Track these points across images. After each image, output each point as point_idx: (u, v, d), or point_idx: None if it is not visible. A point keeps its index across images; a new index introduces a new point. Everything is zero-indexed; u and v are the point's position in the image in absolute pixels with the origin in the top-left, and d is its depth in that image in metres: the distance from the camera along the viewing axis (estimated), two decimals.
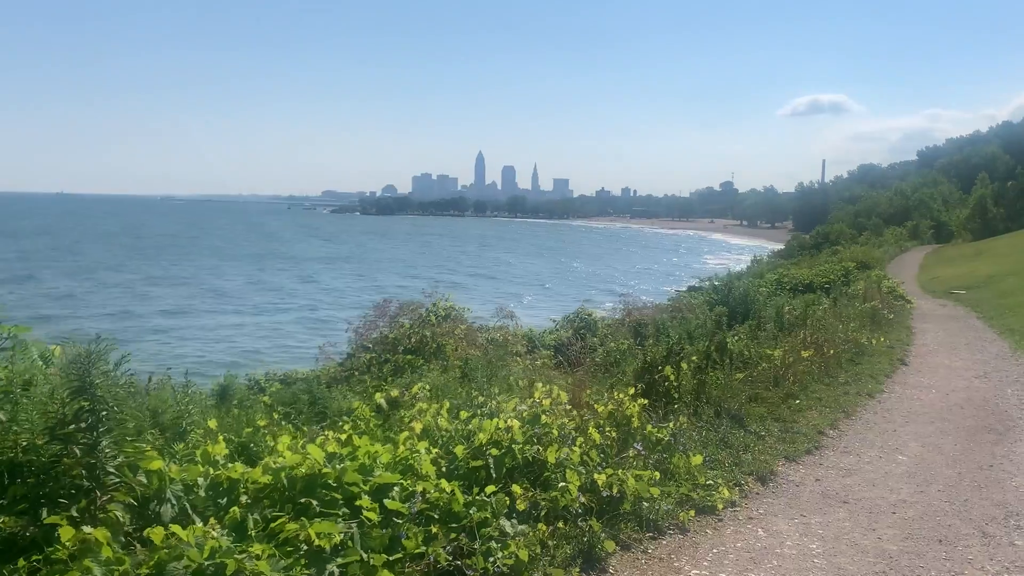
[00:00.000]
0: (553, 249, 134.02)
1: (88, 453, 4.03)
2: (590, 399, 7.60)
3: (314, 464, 4.30)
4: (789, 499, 7.13)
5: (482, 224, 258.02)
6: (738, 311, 19.95)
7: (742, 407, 9.64)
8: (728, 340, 13.07)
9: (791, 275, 34.02)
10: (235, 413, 8.54)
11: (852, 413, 10.82)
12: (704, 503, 6.58)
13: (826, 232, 78.20)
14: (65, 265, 76.38)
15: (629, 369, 10.65)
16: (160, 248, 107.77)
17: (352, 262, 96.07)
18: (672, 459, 7.14)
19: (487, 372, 10.47)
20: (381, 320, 13.77)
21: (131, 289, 59.88)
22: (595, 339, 18.04)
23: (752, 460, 8.00)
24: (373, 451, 4.74)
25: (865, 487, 7.62)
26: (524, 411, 5.99)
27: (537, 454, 5.43)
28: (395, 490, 4.42)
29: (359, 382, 10.80)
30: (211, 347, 36.82)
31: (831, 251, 59.79)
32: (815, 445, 9.00)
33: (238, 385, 9.89)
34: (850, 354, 14.86)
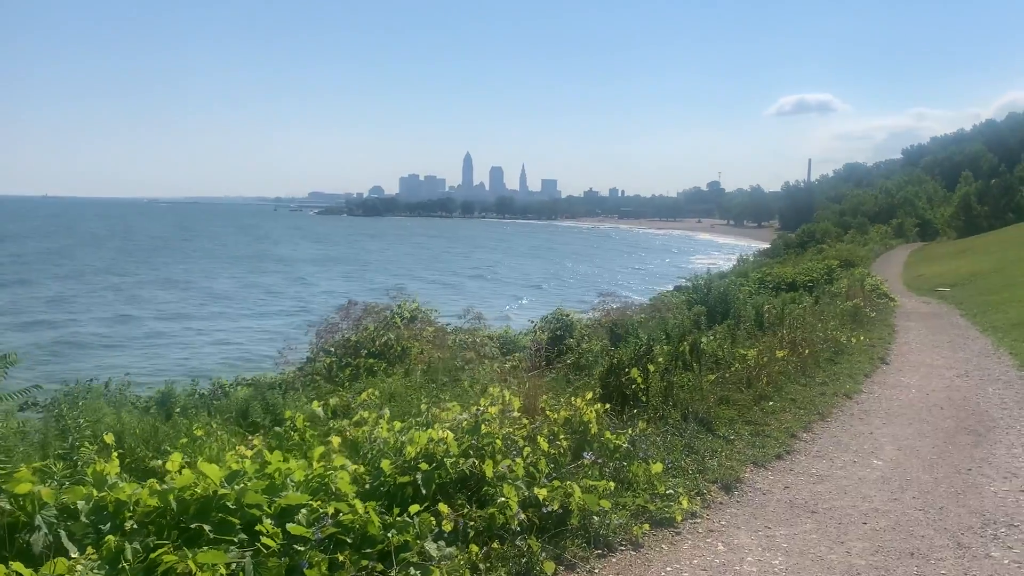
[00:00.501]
0: (545, 249, 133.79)
1: None
2: (546, 404, 7.18)
3: (209, 485, 3.86)
4: (754, 509, 6.73)
5: (471, 225, 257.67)
6: (717, 310, 19.62)
7: (711, 410, 9.25)
8: (701, 340, 12.72)
9: (774, 274, 33.73)
10: (174, 422, 8.11)
11: (827, 415, 10.44)
12: (662, 515, 6.17)
13: (811, 231, 78.20)
14: (59, 269, 75.50)
15: (597, 371, 10.25)
16: (152, 251, 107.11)
17: (345, 263, 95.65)
18: (631, 467, 6.73)
19: (447, 376, 10.07)
20: (345, 322, 13.30)
21: (125, 292, 59.18)
22: (572, 340, 17.65)
23: (718, 466, 7.60)
24: (285, 468, 4.31)
25: (836, 495, 7.22)
26: (464, 420, 5.56)
27: (473, 468, 5.00)
28: (301, 512, 3.98)
29: (314, 387, 10.37)
30: (202, 352, 36.27)
31: (816, 250, 59.66)
32: (786, 449, 8.61)
33: (179, 393, 9.43)
34: (829, 353, 14.50)
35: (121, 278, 69.45)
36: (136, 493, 3.85)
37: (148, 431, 7.52)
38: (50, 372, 26.62)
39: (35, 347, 36.68)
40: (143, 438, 7.46)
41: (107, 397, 10.96)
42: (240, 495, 3.90)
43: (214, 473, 3.90)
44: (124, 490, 3.89)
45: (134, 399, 10.45)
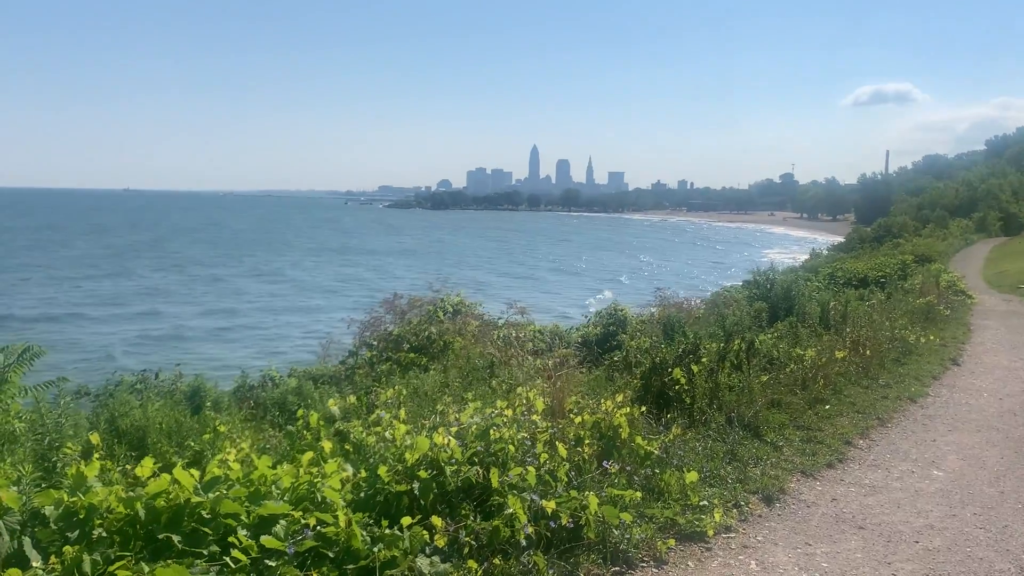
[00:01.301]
0: (617, 243, 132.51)
1: None
2: (574, 406, 6.82)
3: (181, 492, 3.63)
4: (796, 523, 6.25)
5: (538, 218, 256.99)
6: (780, 307, 18.88)
7: (759, 413, 8.74)
8: (757, 338, 12.15)
9: (846, 269, 32.57)
10: (202, 416, 8.01)
11: (888, 420, 9.82)
12: (692, 529, 5.75)
13: (888, 224, 75.56)
14: (161, 261, 78.68)
15: (639, 371, 9.82)
16: (246, 244, 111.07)
17: (429, 256, 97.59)
18: (663, 476, 6.33)
19: (485, 373, 9.79)
20: (389, 315, 13.12)
21: (226, 284, 60.89)
22: (624, 336, 17.20)
23: (761, 476, 7.13)
24: (271, 475, 4.06)
25: (888, 509, 6.69)
26: (474, 424, 5.25)
27: (478, 476, 4.68)
28: (280, 523, 3.73)
29: (350, 382, 10.20)
30: (299, 343, 36.72)
31: (892, 244, 57.57)
32: (839, 457, 8.07)
33: (210, 386, 9.35)
34: (895, 353, 13.76)
35: (220, 270, 71.87)
36: (107, 499, 3.65)
37: (172, 426, 7.44)
38: (158, 362, 27.17)
39: (146, 338, 37.58)
40: (167, 433, 7.38)
41: (153, 389, 11.03)
42: (215, 504, 3.67)
43: (187, 480, 3.67)
44: (97, 495, 3.70)
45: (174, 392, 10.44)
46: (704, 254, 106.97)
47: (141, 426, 7.23)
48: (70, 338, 37.09)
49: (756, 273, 23.37)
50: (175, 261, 79.36)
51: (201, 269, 72.83)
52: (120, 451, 6.87)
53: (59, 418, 4.79)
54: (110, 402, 7.87)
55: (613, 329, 17.93)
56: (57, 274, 63.62)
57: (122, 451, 6.84)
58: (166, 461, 6.61)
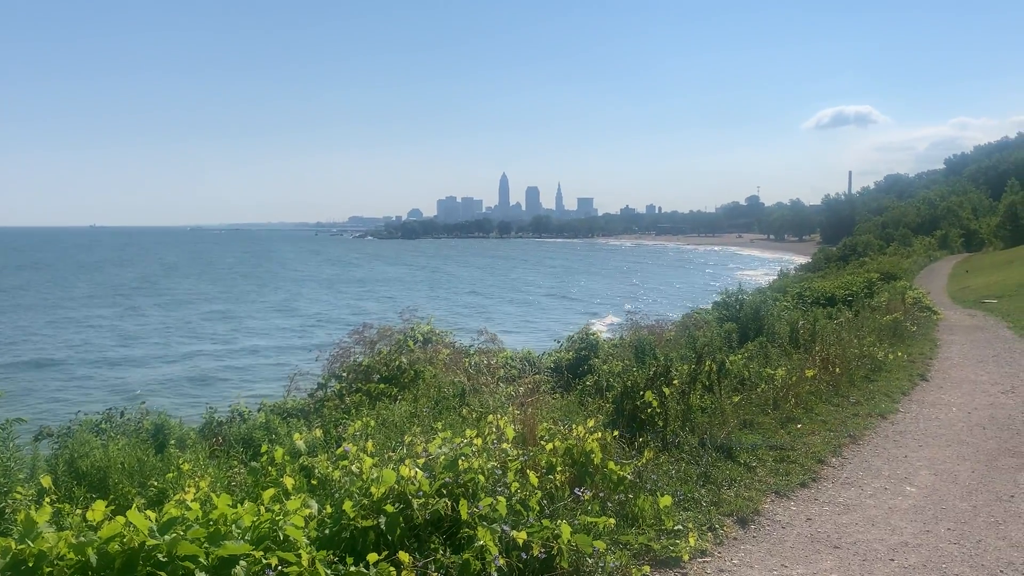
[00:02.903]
0: (605, 268, 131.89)
1: None
2: (546, 432, 6.73)
3: (135, 536, 3.49)
4: (771, 545, 6.20)
5: (510, 245, 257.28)
6: (749, 327, 18.98)
7: (732, 435, 8.71)
8: (727, 359, 12.16)
9: (813, 288, 32.86)
10: (166, 454, 7.81)
11: (860, 437, 9.83)
12: (667, 554, 5.67)
13: (853, 244, 76.71)
14: (159, 298, 77.27)
15: (611, 395, 9.76)
16: (239, 277, 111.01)
17: (424, 284, 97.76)
18: (636, 501, 6.25)
19: (456, 402, 9.67)
20: (358, 346, 12.97)
21: (237, 321, 59.64)
22: (597, 360, 17.15)
23: (735, 497, 7.07)
24: (231, 514, 3.93)
25: (863, 527, 6.66)
26: (443, 454, 5.13)
27: (447, 508, 4.56)
28: (240, 564, 3.59)
29: (319, 415, 10.03)
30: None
31: (858, 263, 58.32)
32: (812, 476, 8.04)
33: (174, 423, 9.14)
34: (865, 371, 13.85)
35: (225, 305, 70.67)
36: (57, 546, 3.50)
37: (134, 465, 7.24)
38: (197, 402, 26.01)
39: (180, 379, 36.39)
40: (129, 472, 7.17)
41: (118, 428, 10.76)
42: (172, 546, 3.52)
43: (141, 522, 3.53)
44: (47, 541, 3.54)
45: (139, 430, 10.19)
46: (694, 277, 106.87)
47: (102, 466, 7.02)
48: (102, 381, 36.07)
49: (725, 294, 23.50)
50: (182, 297, 78.07)
51: (218, 304, 71.85)
52: (79, 493, 6.67)
53: (7, 461, 4.60)
54: (69, 442, 7.64)
55: (585, 354, 17.86)
56: (70, 315, 61.78)
57: (81, 493, 6.64)
58: (127, 502, 6.43)
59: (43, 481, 4.74)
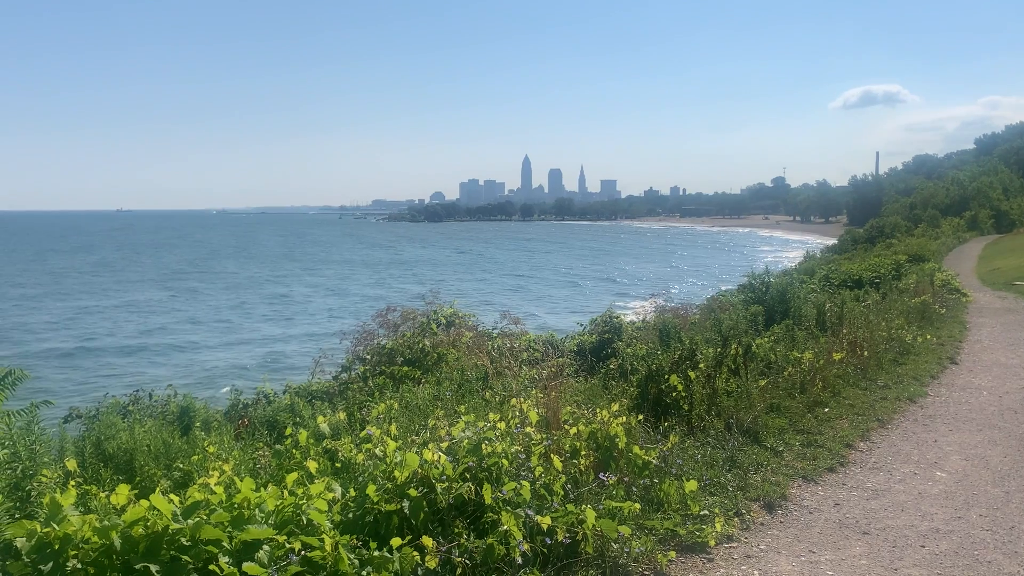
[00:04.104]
0: (643, 250, 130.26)
1: None
2: (570, 416, 6.67)
3: (158, 519, 3.48)
4: (799, 530, 6.12)
5: (534, 228, 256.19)
6: (776, 310, 18.78)
7: (758, 419, 8.61)
8: (753, 342, 12.04)
9: (840, 270, 32.49)
10: (191, 437, 7.84)
11: (888, 421, 9.70)
12: (693, 540, 5.61)
13: (880, 225, 75.62)
14: (221, 280, 77.65)
15: (635, 378, 9.68)
16: (284, 259, 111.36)
17: (470, 266, 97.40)
18: (662, 486, 6.19)
19: (479, 385, 9.63)
20: (382, 329, 12.97)
21: (299, 305, 59.19)
22: (620, 343, 17.04)
23: (761, 482, 7.00)
24: (255, 498, 3.91)
25: (892, 513, 6.56)
26: (466, 438, 5.10)
27: (470, 492, 4.53)
28: (264, 549, 3.58)
29: (343, 397, 10.04)
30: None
31: (885, 244, 57.53)
32: (840, 461, 7.94)
33: (200, 406, 9.16)
34: (893, 354, 13.68)
35: (283, 288, 70.69)
36: (82, 529, 3.50)
37: (160, 448, 7.26)
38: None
39: (253, 363, 36.05)
40: (154, 455, 7.20)
41: (146, 410, 10.84)
42: (195, 530, 3.52)
43: (164, 506, 3.52)
44: (72, 524, 3.54)
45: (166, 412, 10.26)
46: (730, 258, 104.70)
47: (128, 448, 7.05)
48: (183, 366, 35.62)
49: (751, 276, 23.27)
50: (238, 280, 78.08)
51: (274, 286, 71.81)
52: (106, 475, 6.71)
53: (32, 444, 4.61)
54: (96, 424, 7.68)
55: (609, 337, 17.74)
56: (133, 298, 62.05)
57: (108, 475, 6.67)
58: (153, 484, 6.45)
59: (68, 464, 4.76)
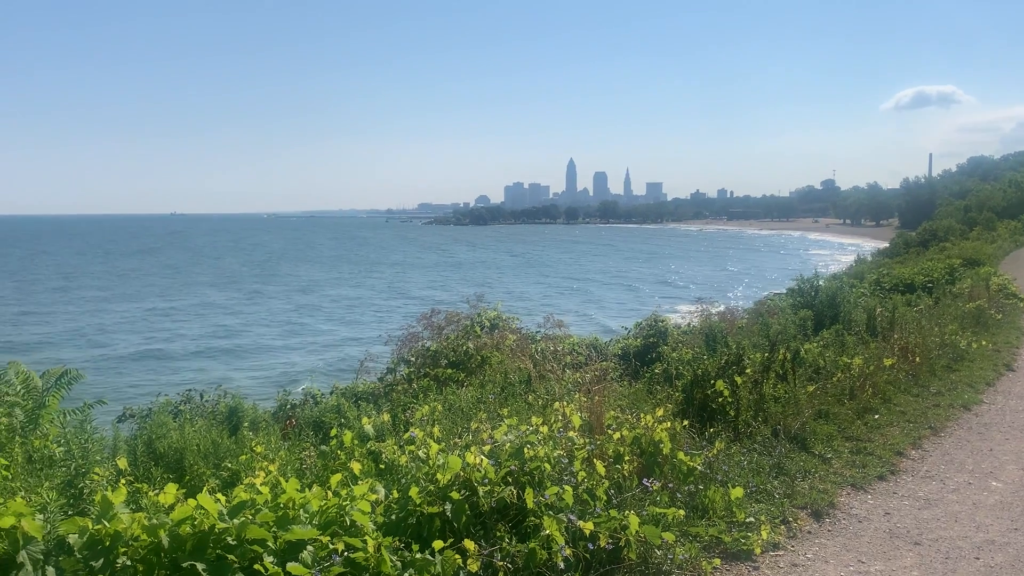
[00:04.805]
0: (697, 253, 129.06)
1: None
2: (613, 421, 6.63)
3: (205, 519, 3.54)
4: (847, 540, 6.00)
5: (577, 231, 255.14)
6: (825, 314, 18.48)
7: (806, 425, 8.47)
8: (802, 347, 11.86)
9: (891, 274, 31.84)
10: (239, 436, 7.96)
11: (941, 429, 9.47)
12: (738, 547, 5.53)
13: (933, 228, 73.84)
14: (293, 281, 79.09)
15: (681, 383, 9.58)
16: (349, 262, 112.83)
17: (530, 267, 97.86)
18: (707, 492, 6.11)
19: (522, 388, 9.63)
20: (426, 331, 13.05)
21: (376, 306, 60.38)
22: (666, 348, 16.91)
23: (809, 490, 6.88)
24: (300, 499, 3.95)
25: (945, 523, 6.40)
26: (508, 442, 5.09)
27: (512, 496, 4.52)
28: (307, 549, 3.61)
29: (387, 399, 10.12)
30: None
31: (939, 248, 56.20)
32: (891, 469, 7.77)
33: (248, 406, 9.31)
34: (946, 360, 13.34)
35: (347, 290, 71.54)
36: (131, 527, 3.57)
37: (209, 447, 7.39)
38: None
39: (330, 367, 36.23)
40: (203, 454, 7.33)
41: (196, 410, 11.06)
42: (241, 529, 3.56)
43: (211, 506, 3.58)
44: (122, 522, 3.62)
45: (215, 412, 10.45)
46: (788, 262, 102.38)
47: (179, 447, 7.18)
48: (269, 369, 36.22)
49: (800, 280, 22.94)
50: (299, 283, 78.91)
51: (340, 288, 72.69)
52: (156, 473, 6.84)
53: (85, 443, 4.73)
54: (148, 424, 7.85)
55: (653, 341, 17.64)
56: (209, 300, 63.46)
57: (158, 473, 6.80)
58: (202, 483, 6.57)
59: (119, 462, 4.87)
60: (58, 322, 49.49)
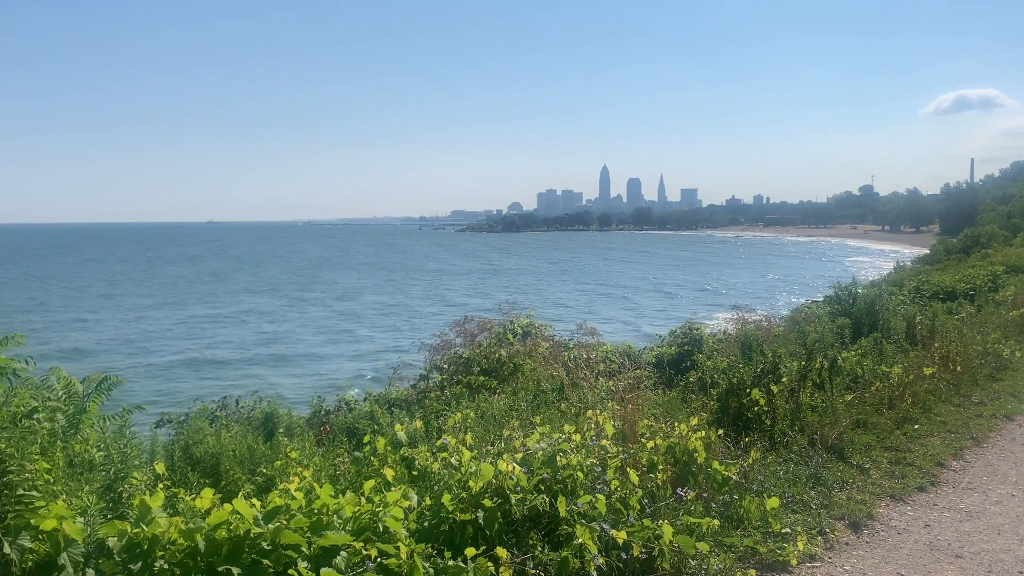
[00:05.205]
0: (738, 260, 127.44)
1: None
2: (647, 430, 6.60)
3: (241, 523, 3.58)
4: (886, 552, 5.89)
5: (611, 238, 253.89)
6: (863, 322, 18.22)
7: (844, 435, 8.35)
8: (839, 356, 11.70)
9: (932, 281, 31.32)
10: (276, 442, 8.04)
11: (983, 440, 9.28)
12: (773, 558, 5.47)
13: (975, 235, 72.51)
14: (323, 292, 78.59)
15: (716, 392, 9.51)
16: (388, 269, 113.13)
17: (574, 274, 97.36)
18: (742, 502, 6.05)
19: (555, 396, 9.62)
20: (459, 338, 13.10)
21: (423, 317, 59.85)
22: (701, 356, 16.79)
23: (847, 500, 6.78)
24: (333, 505, 3.98)
25: (988, 536, 6.26)
26: (540, 450, 5.09)
27: (545, 504, 4.52)
28: (341, 555, 3.64)
29: (420, 407, 10.17)
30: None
31: (981, 255, 55.20)
32: (931, 480, 7.63)
33: (283, 412, 9.41)
34: (989, 369, 13.09)
35: (388, 296, 71.75)
36: (168, 531, 3.62)
37: (244, 453, 7.47)
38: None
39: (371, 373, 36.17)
40: (239, 460, 7.41)
41: (232, 416, 11.20)
42: (275, 535, 3.60)
43: (247, 511, 3.62)
44: (159, 526, 3.67)
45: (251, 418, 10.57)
46: (835, 270, 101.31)
47: (215, 453, 7.28)
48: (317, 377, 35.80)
49: (837, 288, 22.66)
50: (341, 290, 78.95)
51: (380, 295, 72.79)
52: (193, 478, 6.93)
53: (124, 448, 4.82)
54: (185, 429, 7.97)
55: (688, 349, 17.52)
56: (255, 306, 63.76)
57: (195, 478, 6.90)
58: (237, 488, 6.65)
59: (157, 467, 4.95)
60: (108, 329, 50.32)
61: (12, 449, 3.60)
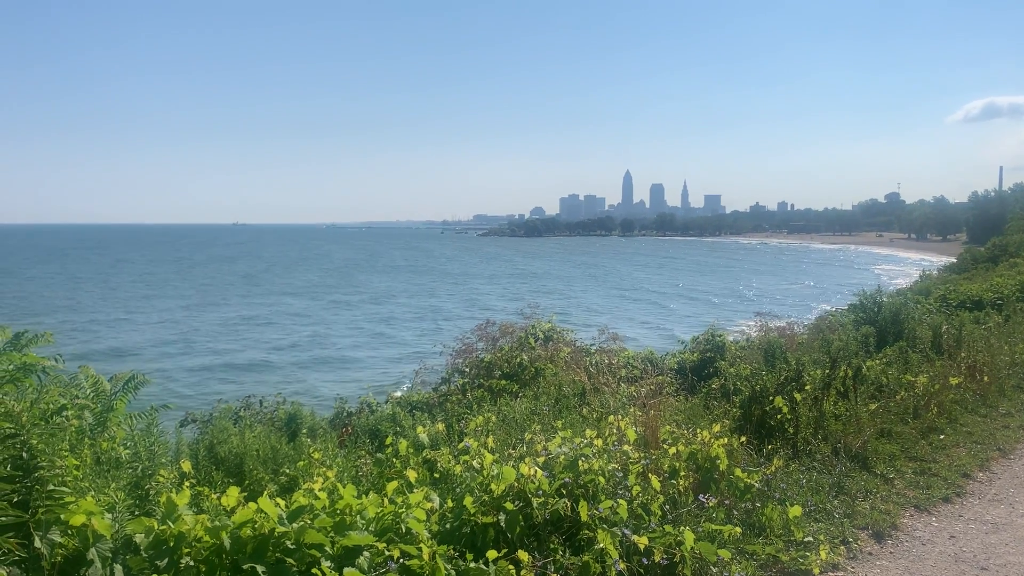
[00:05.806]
0: (767, 268, 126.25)
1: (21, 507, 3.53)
2: (668, 436, 6.58)
3: (265, 522, 3.62)
4: (909, 562, 5.84)
5: (635, 243, 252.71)
6: (888, 331, 18.06)
7: (868, 444, 8.28)
8: (864, 364, 11.59)
9: (958, 290, 30.96)
10: (299, 442, 8.11)
11: (1010, 451, 9.16)
12: (795, 567, 5.44)
13: (1003, 243, 71.59)
14: (358, 295, 79.01)
15: (739, 399, 9.46)
16: (418, 272, 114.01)
17: (606, 281, 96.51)
18: (764, 510, 6.02)
19: (576, 400, 9.62)
20: (481, 342, 13.13)
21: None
22: (723, 363, 16.70)
23: (870, 510, 6.72)
24: (356, 505, 4.01)
25: (1014, 548, 6.19)
26: (562, 454, 5.09)
27: (566, 508, 4.52)
28: (363, 555, 3.67)
29: (442, 410, 10.20)
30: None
31: (1009, 264, 54.50)
32: (956, 491, 7.55)
33: (306, 413, 9.48)
34: (1016, 379, 12.92)
35: (423, 300, 72.10)
36: (194, 528, 3.67)
37: (268, 453, 7.54)
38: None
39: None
40: (263, 460, 7.48)
41: (256, 416, 11.30)
42: (299, 534, 3.64)
43: (271, 509, 3.66)
44: (185, 523, 3.72)
45: (274, 419, 10.66)
46: (865, 277, 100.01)
47: (239, 452, 7.35)
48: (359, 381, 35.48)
49: (862, 296, 22.47)
50: (375, 293, 79.39)
51: (415, 298, 72.99)
52: (217, 477, 7.01)
53: (152, 446, 4.88)
54: (210, 428, 8.05)
55: (711, 355, 17.43)
56: (289, 308, 64.39)
57: (219, 477, 6.97)
58: (261, 488, 6.71)
59: (183, 466, 5.01)
60: (149, 330, 50.79)
61: (43, 445, 3.66)
